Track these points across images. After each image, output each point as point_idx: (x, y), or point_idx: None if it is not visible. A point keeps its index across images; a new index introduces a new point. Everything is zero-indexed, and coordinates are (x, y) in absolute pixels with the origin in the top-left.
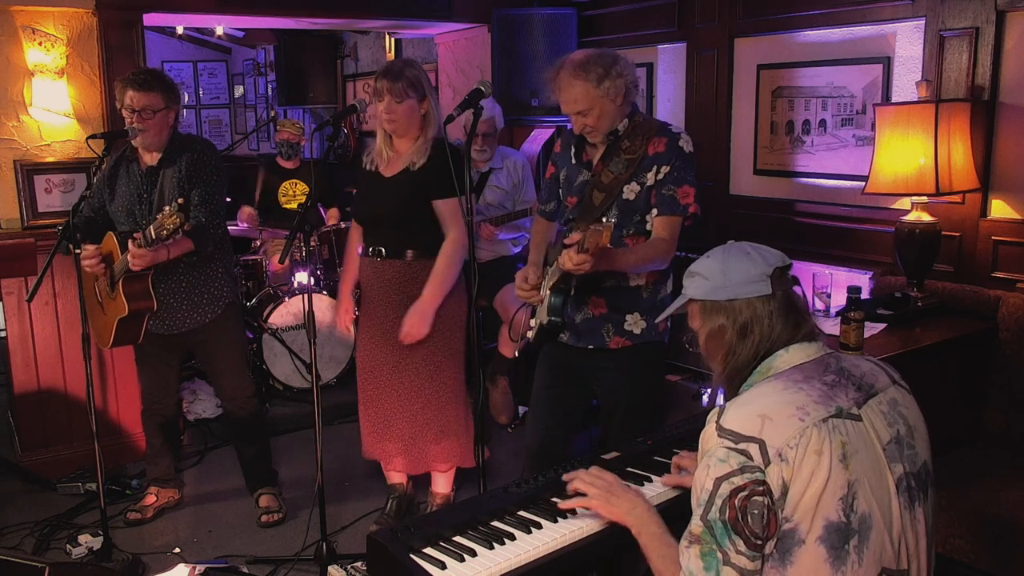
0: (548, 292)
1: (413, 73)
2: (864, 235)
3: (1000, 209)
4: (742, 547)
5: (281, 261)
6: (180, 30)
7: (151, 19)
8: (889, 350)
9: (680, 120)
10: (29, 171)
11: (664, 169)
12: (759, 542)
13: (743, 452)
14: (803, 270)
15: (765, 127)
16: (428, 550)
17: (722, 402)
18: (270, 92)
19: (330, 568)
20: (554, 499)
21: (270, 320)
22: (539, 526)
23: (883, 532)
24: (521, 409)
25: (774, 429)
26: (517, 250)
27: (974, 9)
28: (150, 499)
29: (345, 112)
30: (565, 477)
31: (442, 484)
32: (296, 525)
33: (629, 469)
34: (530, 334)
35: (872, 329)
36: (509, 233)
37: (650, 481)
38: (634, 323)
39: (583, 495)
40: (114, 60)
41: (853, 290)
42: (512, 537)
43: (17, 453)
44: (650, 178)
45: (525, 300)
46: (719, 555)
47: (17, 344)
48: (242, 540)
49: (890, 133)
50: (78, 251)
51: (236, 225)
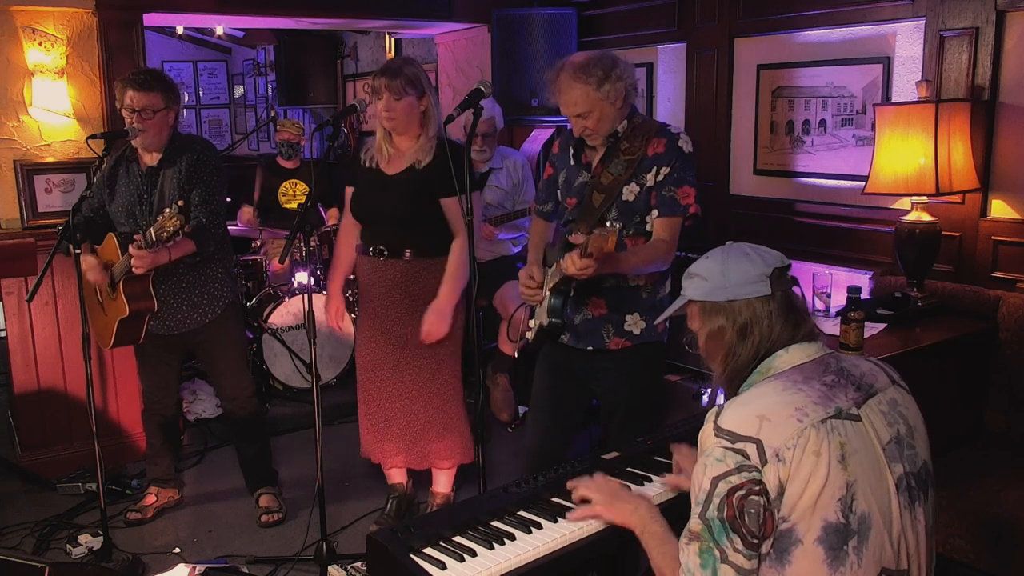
0: (548, 293)
1: (411, 70)
2: (864, 235)
3: (1000, 209)
4: (739, 545)
5: (281, 261)
6: (180, 30)
7: (151, 19)
8: (889, 350)
9: (680, 120)
10: (29, 171)
11: (664, 170)
12: (756, 541)
13: (740, 452)
14: (803, 270)
15: (765, 127)
16: (428, 550)
17: (722, 402)
18: (270, 92)
19: (330, 568)
20: (554, 499)
21: (270, 320)
22: (539, 526)
23: (883, 532)
24: (521, 409)
25: (772, 429)
26: (517, 250)
27: (974, 9)
28: (150, 499)
29: (345, 112)
30: (569, 485)
31: (443, 484)
32: (296, 525)
33: (629, 469)
34: (529, 335)
35: (872, 329)
36: (509, 233)
37: (650, 481)
38: (634, 323)
39: (587, 502)
40: (114, 60)
41: (853, 290)
42: (512, 537)
43: (17, 453)
44: (650, 179)
45: (528, 299)
46: (716, 553)
47: (17, 344)
48: (242, 540)
49: (890, 133)
50: (78, 251)
51: (236, 225)
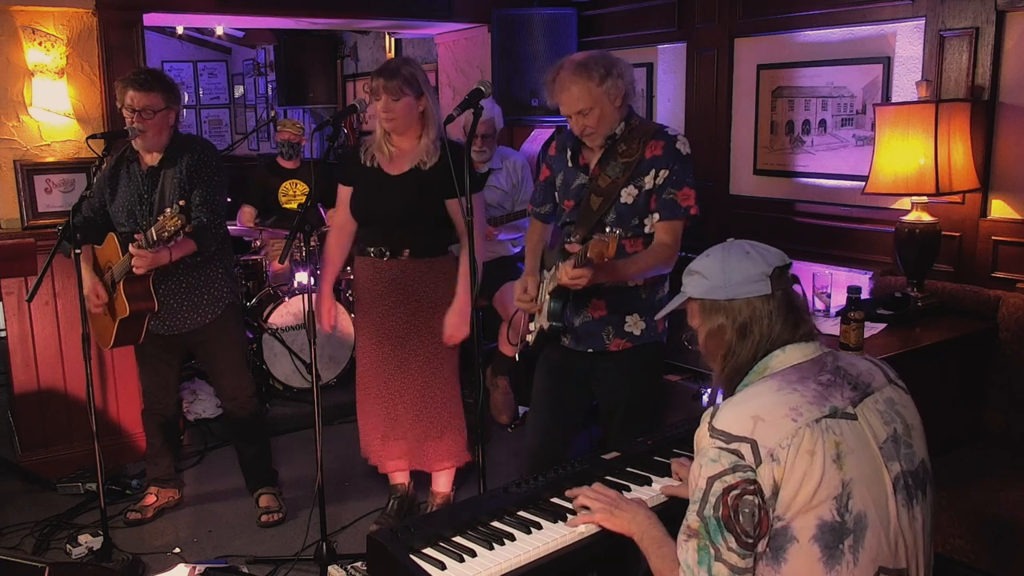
0: (548, 297)
1: (408, 71)
2: (864, 235)
3: (1000, 209)
4: (733, 545)
5: (281, 261)
6: (180, 30)
7: (151, 19)
8: (889, 350)
9: (680, 120)
10: (29, 171)
11: (663, 173)
12: (750, 540)
13: (734, 452)
14: (803, 270)
15: (765, 127)
16: (428, 550)
17: (721, 401)
18: (270, 92)
19: (330, 568)
20: (554, 499)
21: (270, 320)
22: (539, 526)
23: (879, 531)
24: (522, 409)
25: (766, 429)
26: (517, 250)
27: (974, 9)
28: (150, 499)
29: (345, 112)
30: (568, 493)
31: (442, 484)
32: (296, 525)
33: (629, 469)
34: (529, 338)
35: (872, 329)
36: (508, 233)
37: (649, 484)
38: (634, 324)
39: (587, 510)
40: (114, 60)
41: (853, 290)
42: (512, 537)
43: (17, 453)
44: (648, 182)
45: (525, 311)
46: (711, 551)
47: (17, 344)
48: (242, 540)
49: (890, 133)
50: (78, 251)
51: (236, 225)
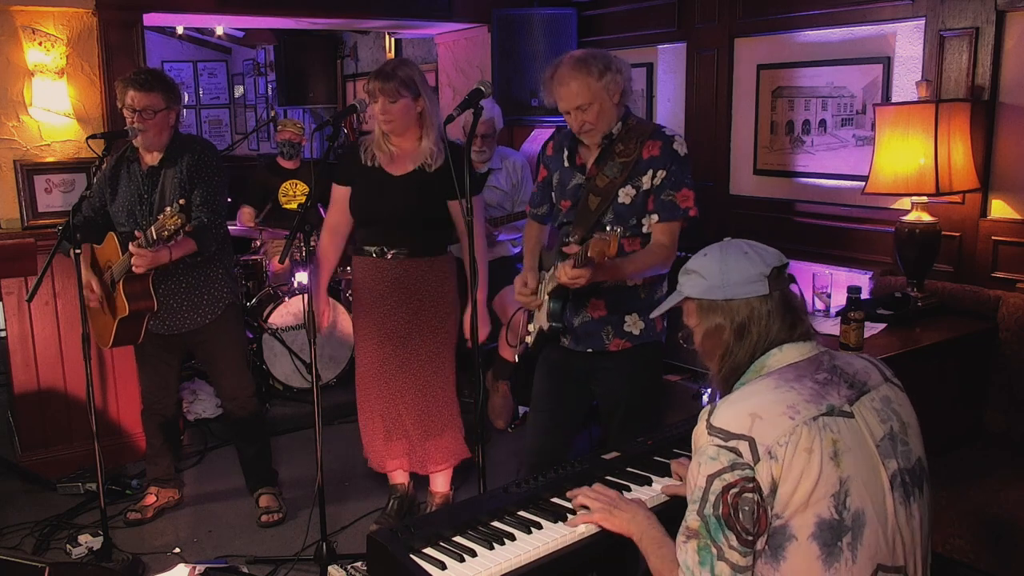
0: (547, 297)
1: (405, 72)
2: (864, 235)
3: (1000, 209)
4: (734, 542)
5: (281, 261)
6: (180, 30)
7: (151, 19)
8: (889, 350)
9: (680, 120)
10: (29, 171)
11: (660, 174)
12: (750, 538)
13: (733, 450)
14: (803, 270)
15: (765, 127)
16: (428, 550)
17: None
18: (270, 92)
19: (330, 568)
20: (554, 499)
21: (270, 320)
22: (539, 526)
23: (877, 528)
24: (521, 409)
25: (764, 427)
26: (516, 251)
27: (974, 9)
28: (150, 499)
29: (345, 112)
30: (569, 494)
31: (441, 483)
32: (296, 525)
33: (629, 469)
34: (529, 339)
35: (872, 329)
36: (508, 234)
37: (649, 484)
38: (633, 324)
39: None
40: (114, 60)
41: (853, 290)
42: (512, 537)
43: (17, 453)
44: (645, 182)
45: (525, 306)
46: (713, 550)
47: (17, 344)
48: (242, 540)
49: (890, 133)
50: (78, 251)
51: (236, 225)
